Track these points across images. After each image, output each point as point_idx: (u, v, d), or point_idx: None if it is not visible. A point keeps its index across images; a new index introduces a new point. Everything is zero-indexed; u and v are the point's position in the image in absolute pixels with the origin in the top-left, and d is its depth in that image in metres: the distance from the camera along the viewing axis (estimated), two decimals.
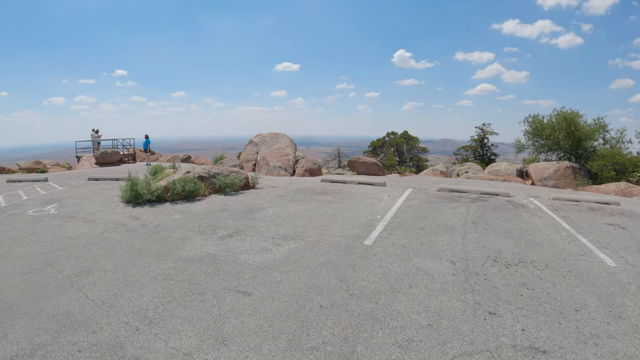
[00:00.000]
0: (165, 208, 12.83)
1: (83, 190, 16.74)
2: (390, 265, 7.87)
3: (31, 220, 11.85)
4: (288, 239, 9.57)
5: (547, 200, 14.70)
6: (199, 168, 15.37)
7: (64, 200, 14.68)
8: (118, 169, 25.03)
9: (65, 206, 13.58)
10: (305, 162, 21.82)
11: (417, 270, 7.64)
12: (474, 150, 48.36)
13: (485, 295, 6.55)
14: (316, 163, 22.28)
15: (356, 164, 23.39)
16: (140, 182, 13.47)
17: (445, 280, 7.14)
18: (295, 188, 16.66)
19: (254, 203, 13.61)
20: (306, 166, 21.46)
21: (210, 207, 12.99)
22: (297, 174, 21.16)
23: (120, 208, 12.95)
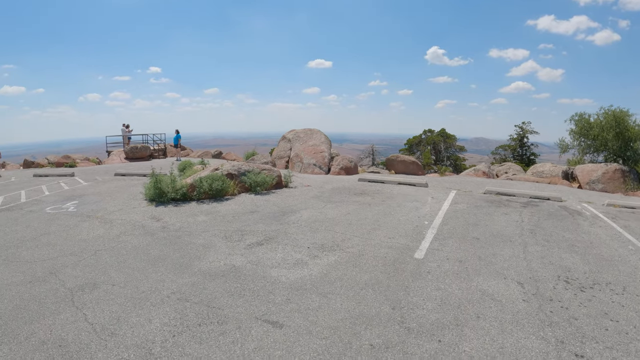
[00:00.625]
0: (190, 208, 11.76)
1: (107, 186, 16.00)
2: (449, 287, 6.48)
3: (47, 218, 11.03)
4: (326, 250, 8.24)
5: (602, 207, 12.91)
6: (228, 165, 14.28)
7: (86, 196, 13.90)
8: (147, 164, 24.41)
9: (85, 203, 12.75)
10: (341, 160, 20.47)
11: (481, 294, 6.24)
12: (512, 149, 46.09)
13: (566, 329, 5.25)
14: (352, 161, 20.90)
15: (394, 163, 21.86)
16: (164, 180, 12.47)
17: (517, 309, 5.79)
18: (331, 188, 15.34)
19: (287, 204, 12.36)
20: (342, 164, 20.11)
21: (239, 208, 11.83)
22: (333, 172, 19.86)
23: (142, 207, 11.98)
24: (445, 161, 44.97)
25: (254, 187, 13.67)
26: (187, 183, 12.76)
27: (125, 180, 17.36)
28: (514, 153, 45.75)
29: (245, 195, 13.46)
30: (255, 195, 13.48)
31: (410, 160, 21.75)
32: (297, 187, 15.20)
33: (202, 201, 12.58)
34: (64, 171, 19.98)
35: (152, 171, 12.88)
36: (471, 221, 10.59)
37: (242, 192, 13.66)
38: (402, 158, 21.95)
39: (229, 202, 12.51)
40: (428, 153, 45.66)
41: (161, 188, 12.24)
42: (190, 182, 12.79)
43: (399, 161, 21.70)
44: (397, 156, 22.39)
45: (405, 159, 21.87)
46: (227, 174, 13.52)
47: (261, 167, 14.61)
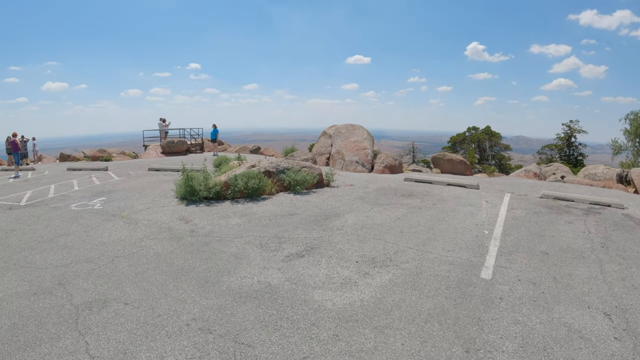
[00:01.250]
0: (223, 208, 10.71)
1: (139, 182, 15.29)
2: (529, 320, 5.18)
3: (70, 217, 10.28)
4: (378, 265, 6.93)
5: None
6: (266, 162, 13.17)
7: (115, 193, 13.17)
8: (184, 159, 23.82)
9: (113, 200, 11.98)
10: (385, 158, 19.02)
11: (567, 330, 4.97)
12: (559, 149, 43.13)
13: None
14: (397, 159, 19.42)
15: (441, 162, 20.20)
16: (196, 177, 11.50)
17: (610, 351, 4.54)
18: (376, 187, 13.97)
19: (329, 206, 11.10)
20: (386, 162, 18.66)
21: (277, 209, 10.67)
22: (376, 171, 18.47)
23: (171, 206, 11.04)
24: (490, 160, 42.69)
25: (293, 186, 12.50)
26: (220, 181, 11.75)
27: (158, 176, 16.63)
28: (560, 153, 43.08)
29: (283, 194, 12.31)
30: (294, 195, 12.30)
31: (458, 159, 20.05)
32: (339, 187, 13.92)
33: (236, 201, 11.52)
34: (97, 165, 19.60)
35: (183, 167, 11.93)
36: (535, 231, 9.10)
37: (281, 192, 12.52)
38: (449, 157, 20.28)
39: (266, 202, 11.38)
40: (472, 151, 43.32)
41: (192, 186, 11.27)
42: (224, 180, 11.76)
43: (446, 160, 20.04)
44: (443, 154, 20.72)
45: (453, 157, 20.18)
46: (265, 172, 12.41)
47: (301, 165, 13.42)
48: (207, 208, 10.75)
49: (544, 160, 41.37)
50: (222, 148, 29.15)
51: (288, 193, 12.47)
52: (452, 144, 46.33)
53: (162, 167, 18.39)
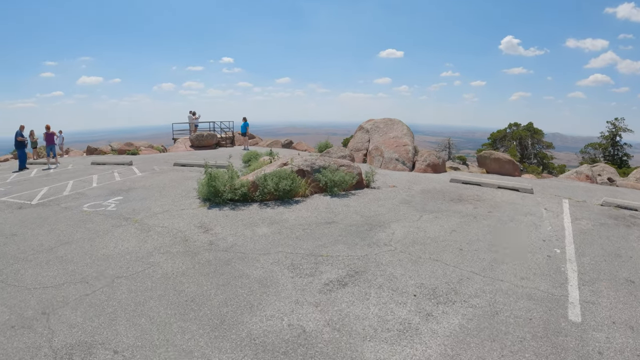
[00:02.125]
0: (249, 213, 9.29)
1: (162, 178, 14.11)
2: None
3: (78, 219, 9.14)
4: (441, 301, 5.33)
5: None
6: (300, 159, 11.65)
7: (134, 191, 11.99)
8: (213, 153, 22.67)
9: (130, 200, 10.78)
10: (427, 155, 17.18)
11: None
12: (604, 149, 39.75)
13: None
14: (440, 157, 17.52)
15: (487, 160, 18.15)
16: (220, 177, 10.12)
17: None
18: (420, 189, 12.25)
19: (372, 212, 9.50)
20: (429, 160, 16.82)
21: (312, 215, 9.15)
22: (418, 169, 16.70)
23: (191, 209, 9.71)
24: (532, 159, 39.84)
25: (330, 188, 10.93)
26: (248, 181, 10.32)
27: (184, 172, 15.43)
28: (605, 152, 39.73)
29: (319, 197, 10.76)
30: (331, 197, 10.73)
31: (505, 158, 17.97)
32: (380, 188, 12.26)
33: (265, 204, 10.07)
34: (122, 160, 18.64)
35: (206, 164, 10.56)
36: (609, 250, 7.42)
37: (315, 193, 10.98)
38: (496, 156, 18.21)
39: (299, 206, 9.88)
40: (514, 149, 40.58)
41: (216, 187, 9.89)
42: (252, 180, 10.33)
43: (493, 159, 17.98)
44: (490, 153, 18.65)
45: (500, 156, 18.10)
46: (298, 171, 10.89)
47: (339, 163, 11.83)
48: (232, 212, 9.35)
49: (587, 160, 38.50)
50: (253, 142, 27.92)
51: (324, 195, 10.92)
52: (492, 140, 43.71)
53: (189, 162, 17.21)
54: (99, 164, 18.04)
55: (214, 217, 9.04)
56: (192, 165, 16.72)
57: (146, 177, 14.54)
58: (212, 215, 9.19)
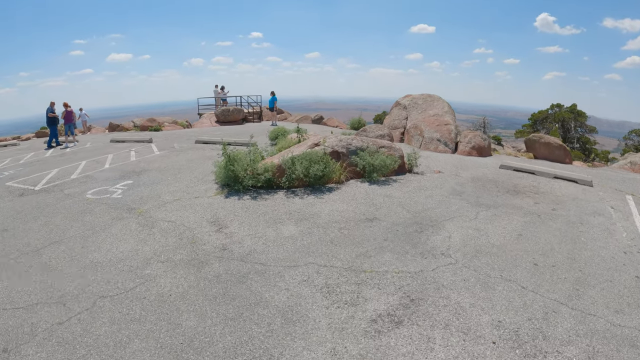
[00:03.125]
0: (274, 204, 7.75)
1: (180, 158, 12.73)
2: None
3: (78, 210, 7.87)
4: (529, 353, 3.80)
5: None
6: (334, 139, 9.92)
7: (147, 173, 10.66)
8: (239, 129, 21.18)
9: (139, 185, 9.43)
10: (472, 137, 15.11)
11: None
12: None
13: None
14: (486, 138, 15.39)
15: (536, 144, 15.87)
16: (240, 159, 8.59)
17: None
18: (470, 177, 10.40)
19: (419, 205, 7.83)
20: (474, 142, 14.76)
21: (349, 209, 7.53)
22: (461, 152, 14.71)
23: (207, 197, 8.26)
24: (575, 143, 36.59)
25: (368, 173, 9.23)
26: (273, 164, 8.74)
27: (204, 150, 14.00)
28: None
29: (355, 184, 9.10)
30: (369, 184, 9.05)
31: (556, 143, 15.64)
32: (424, 174, 10.46)
33: (293, 191, 8.51)
34: (141, 137, 17.38)
35: (224, 145, 9.01)
36: None
37: (352, 179, 9.31)
38: (547, 140, 15.89)
39: (333, 195, 8.26)
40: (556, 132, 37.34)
41: (235, 171, 8.36)
42: (278, 163, 8.74)
43: (543, 143, 15.70)
44: (540, 136, 16.31)
45: (551, 141, 15.78)
46: (332, 152, 9.22)
47: (378, 144, 10.06)
48: (253, 203, 7.82)
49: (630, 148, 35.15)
50: (282, 117, 26.26)
51: (361, 182, 9.23)
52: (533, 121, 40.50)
53: (211, 139, 15.78)
54: (118, 141, 16.83)
55: (231, 209, 7.53)
56: (214, 142, 15.28)
57: (164, 156, 13.20)
58: (229, 206, 7.68)
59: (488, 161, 13.20)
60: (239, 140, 15.24)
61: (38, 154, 15.29)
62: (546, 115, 40.24)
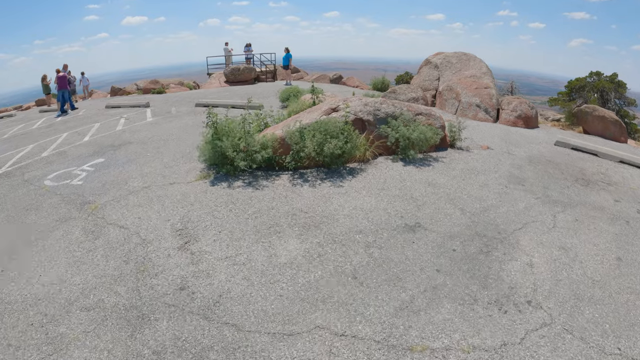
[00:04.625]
0: (272, 197, 5.43)
1: (172, 125, 10.46)
2: None
3: (23, 206, 5.88)
4: None
5: None
6: (357, 103, 7.31)
7: (125, 147, 8.47)
8: (250, 89, 18.57)
9: (109, 166, 7.24)
10: (518, 104, 12.12)
11: None
12: None
13: None
14: (533, 107, 12.42)
15: (588, 118, 12.67)
16: (230, 131, 6.20)
17: None
18: (525, 155, 7.90)
19: (475, 202, 5.48)
20: (520, 110, 11.79)
21: (379, 206, 5.16)
22: (505, 121, 11.82)
23: (184, 184, 6.00)
24: None
25: (403, 149, 6.73)
26: (274, 137, 6.32)
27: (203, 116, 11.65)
28: None
29: (385, 162, 6.64)
30: (404, 164, 6.57)
31: (612, 118, 12.42)
32: (470, 150, 7.87)
33: (301, 174, 6.15)
34: (138, 101, 15.04)
35: (209, 111, 6.58)
36: None
37: (380, 155, 6.84)
38: (601, 113, 12.66)
39: (357, 182, 5.86)
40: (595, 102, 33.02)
41: (223, 148, 5.99)
42: (281, 136, 6.31)
43: (596, 117, 12.50)
44: (593, 108, 13.05)
45: (606, 115, 12.55)
46: (355, 120, 6.70)
47: (414, 110, 7.45)
48: (244, 195, 5.50)
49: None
50: (298, 76, 23.44)
51: (393, 160, 6.73)
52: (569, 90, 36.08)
53: (214, 101, 13.37)
54: (113, 107, 14.56)
55: (211, 204, 5.23)
56: (216, 105, 12.89)
57: (154, 124, 10.91)
58: (210, 199, 5.38)
59: (538, 135, 10.53)
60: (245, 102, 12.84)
61: (27, 125, 13.18)
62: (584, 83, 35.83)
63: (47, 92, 16.96)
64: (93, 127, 11.10)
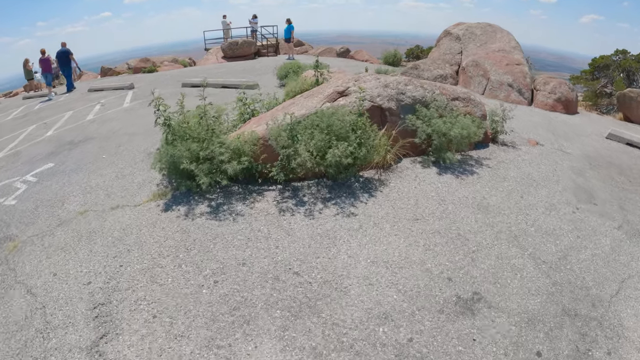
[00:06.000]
0: (247, 232, 3.63)
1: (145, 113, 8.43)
2: None
3: None
4: None
5: None
6: (374, 83, 5.23)
7: (83, 145, 6.72)
8: (249, 65, 16.44)
9: (55, 174, 5.50)
10: (557, 85, 9.79)
11: None
12: None
13: None
14: (573, 89, 10.09)
15: (632, 104, 10.24)
16: (186, 133, 4.34)
17: None
18: (581, 154, 6.02)
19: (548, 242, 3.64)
20: (559, 92, 9.49)
21: (412, 255, 3.33)
22: (541, 104, 9.55)
23: (132, 208, 4.22)
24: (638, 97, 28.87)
25: (437, 149, 4.79)
26: (255, 136, 4.40)
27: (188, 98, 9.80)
28: None
29: (413, 168, 4.72)
30: (439, 172, 4.65)
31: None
32: (516, 146, 5.88)
33: (294, 187, 4.31)
34: (123, 83, 13.09)
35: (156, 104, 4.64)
36: None
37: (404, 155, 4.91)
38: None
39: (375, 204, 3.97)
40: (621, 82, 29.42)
41: (175, 159, 4.11)
42: (263, 136, 4.41)
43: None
44: (638, 93, 10.72)
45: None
46: (372, 109, 4.73)
47: (448, 93, 5.39)
48: (207, 229, 3.68)
49: None
50: (302, 50, 21.15)
51: (423, 164, 4.80)
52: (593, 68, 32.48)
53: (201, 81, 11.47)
54: (96, 90, 12.69)
55: (155, 253, 3.38)
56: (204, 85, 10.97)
57: (129, 110, 9.07)
58: (155, 242, 3.54)
59: (581, 123, 8.55)
60: (239, 80, 10.87)
61: (3, 116, 11.43)
62: (609, 61, 32.25)
63: (30, 77, 15.16)
64: (64, 117, 9.32)
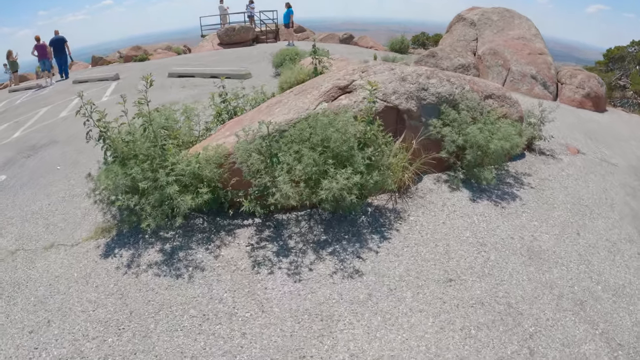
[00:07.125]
0: (205, 303, 2.48)
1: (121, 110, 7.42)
2: None
3: None
4: None
5: None
6: (387, 75, 3.79)
7: (42, 152, 5.59)
8: (246, 52, 15.10)
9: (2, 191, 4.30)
10: (585, 79, 8.36)
11: None
12: None
13: None
14: (602, 83, 8.74)
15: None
16: (130, 151, 3.14)
17: None
18: (626, 165, 4.78)
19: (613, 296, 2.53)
20: (588, 87, 8.10)
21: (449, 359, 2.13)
22: (568, 100, 8.14)
23: (68, 249, 3.06)
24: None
25: (470, 166, 3.53)
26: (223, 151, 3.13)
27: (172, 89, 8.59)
28: None
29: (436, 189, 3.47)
30: (472, 197, 3.43)
31: None
32: (556, 156, 4.62)
33: (277, 222, 3.11)
34: (108, 73, 11.80)
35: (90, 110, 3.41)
36: None
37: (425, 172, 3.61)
38: None
39: (390, 254, 2.77)
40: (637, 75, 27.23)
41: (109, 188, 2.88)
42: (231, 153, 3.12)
43: None
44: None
45: None
46: (386, 110, 3.40)
47: (480, 89, 4.08)
48: (152, 293, 2.54)
49: None
50: (303, 36, 19.70)
51: (451, 187, 3.57)
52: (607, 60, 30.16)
53: (191, 70, 10.20)
54: (80, 82, 11.47)
55: (81, 329, 2.25)
56: (192, 75, 9.71)
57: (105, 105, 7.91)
58: (82, 312, 2.40)
59: (614, 124, 7.36)
60: (230, 70, 9.62)
61: None
62: (625, 53, 29.82)
63: (15, 69, 13.91)
64: (38, 114, 8.21)
